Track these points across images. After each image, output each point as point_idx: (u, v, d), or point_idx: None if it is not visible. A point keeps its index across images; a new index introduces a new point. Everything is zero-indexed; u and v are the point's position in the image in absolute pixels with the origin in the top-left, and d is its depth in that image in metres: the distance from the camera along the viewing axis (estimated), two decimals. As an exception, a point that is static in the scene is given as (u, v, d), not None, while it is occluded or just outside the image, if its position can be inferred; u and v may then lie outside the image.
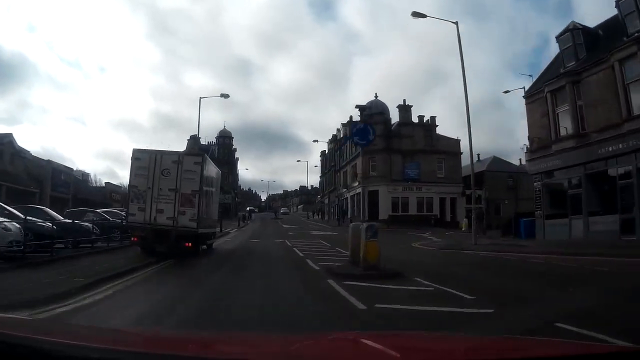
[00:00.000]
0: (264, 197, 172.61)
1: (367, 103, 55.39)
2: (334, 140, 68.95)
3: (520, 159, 58.96)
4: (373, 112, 54.12)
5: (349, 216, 55.73)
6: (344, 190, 58.81)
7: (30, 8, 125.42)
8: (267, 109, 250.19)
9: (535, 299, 7.91)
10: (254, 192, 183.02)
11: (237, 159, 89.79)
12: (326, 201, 73.50)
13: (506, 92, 38.31)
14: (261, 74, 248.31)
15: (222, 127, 75.47)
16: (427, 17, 23.93)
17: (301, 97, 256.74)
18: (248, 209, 71.90)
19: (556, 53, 26.34)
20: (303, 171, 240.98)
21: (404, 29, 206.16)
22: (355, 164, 54.97)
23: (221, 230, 32.69)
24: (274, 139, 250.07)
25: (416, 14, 23.92)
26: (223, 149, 73.18)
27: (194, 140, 79.35)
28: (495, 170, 58.68)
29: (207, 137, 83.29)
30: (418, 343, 2.34)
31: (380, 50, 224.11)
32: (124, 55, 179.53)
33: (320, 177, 79.36)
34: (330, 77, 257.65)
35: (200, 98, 36.58)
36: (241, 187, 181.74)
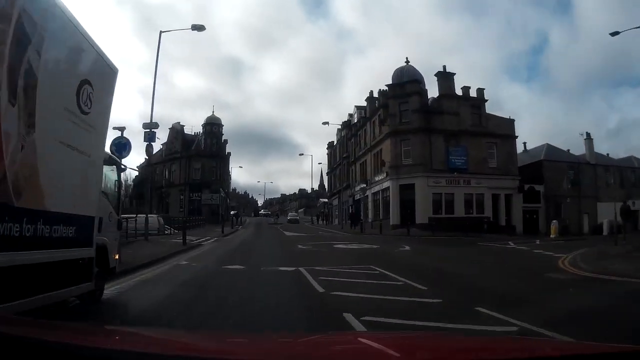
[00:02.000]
0: (260, 202, 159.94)
1: (397, 70, 42.17)
2: (346, 126, 55.61)
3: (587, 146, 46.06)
4: (404, 80, 40.85)
5: (370, 219, 42.51)
6: (362, 186, 45.50)
7: None
8: (259, 110, 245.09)
9: None
10: (250, 196, 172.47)
11: (229, 153, 76.42)
12: (335, 202, 60.08)
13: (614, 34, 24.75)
14: (252, 73, 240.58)
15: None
16: None
17: (294, 98, 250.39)
18: (232, 212, 58.65)
19: None
20: (299, 175, 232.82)
21: (400, 25, 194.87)
22: (380, 149, 41.68)
23: (184, 243, 19.33)
24: (267, 142, 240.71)
25: None
26: (210, 139, 60.15)
27: (175, 129, 66.25)
28: (556, 161, 45.46)
29: (194, 127, 69.92)
30: (418, 343, 2.31)
31: (375, 48, 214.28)
32: (111, 53, 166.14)
33: (327, 173, 66.04)
34: (323, 77, 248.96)
35: (161, 32, 23.62)
36: (236, 190, 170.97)
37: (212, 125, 61.16)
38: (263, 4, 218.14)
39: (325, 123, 45.44)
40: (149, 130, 21.61)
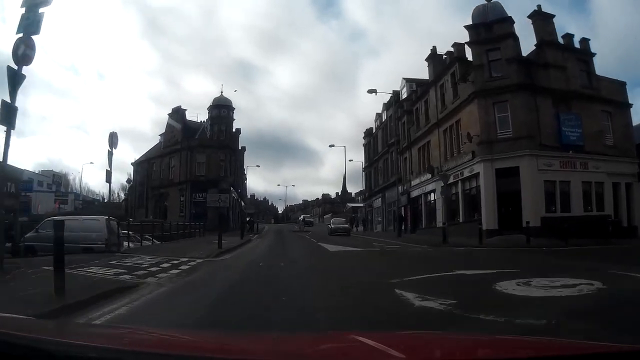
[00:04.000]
0: (281, 208, 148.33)
1: (477, 8, 29.00)
2: (391, 105, 42.53)
3: None
4: (490, 19, 27.76)
5: (440, 220, 29.46)
6: (425, 178, 32.38)
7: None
8: (273, 115, 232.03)
9: None
10: (270, 202, 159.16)
11: (244, 148, 63.97)
12: (378, 203, 46.85)
13: None
14: (264, 77, 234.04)
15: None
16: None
17: (307, 102, 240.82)
18: (248, 219, 46.98)
19: None
20: (316, 182, 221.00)
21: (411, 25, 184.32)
22: (458, 120, 28.56)
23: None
24: (282, 148, 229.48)
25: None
26: (218, 126, 47.88)
27: (177, 114, 54.10)
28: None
29: (200, 114, 57.57)
30: (421, 343, 2.28)
31: (388, 49, 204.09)
32: (120, 60, 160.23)
33: (364, 168, 52.85)
34: (337, 80, 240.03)
35: None
36: (255, 197, 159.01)
37: (221, 109, 48.74)
38: (272, 4, 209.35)
39: (371, 91, 32.30)
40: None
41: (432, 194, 32.29)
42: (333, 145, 50.61)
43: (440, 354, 1.99)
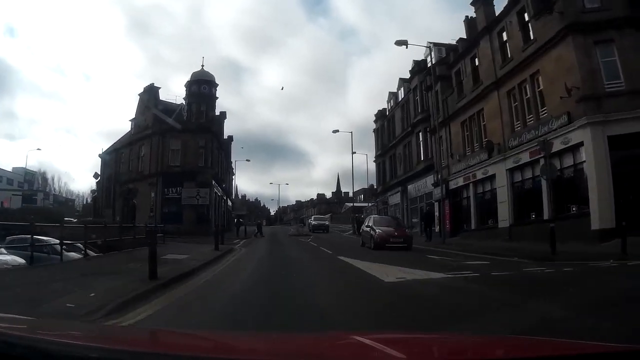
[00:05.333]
0: (273, 210, 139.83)
1: None
2: (416, 74, 33.67)
3: None
4: None
5: (505, 220, 20.88)
6: (477, 161, 23.66)
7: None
8: (262, 117, 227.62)
9: None
10: (262, 204, 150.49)
11: (231, 137, 54.89)
12: (394, 199, 37.96)
13: None
14: (253, 78, 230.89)
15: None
16: None
17: (297, 103, 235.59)
18: (237, 220, 39.23)
19: None
20: (309, 184, 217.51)
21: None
22: (536, 71, 19.75)
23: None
24: (273, 149, 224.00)
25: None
26: (197, 106, 38.88)
27: (149, 93, 44.91)
28: None
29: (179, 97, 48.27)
30: (421, 343, 2.27)
31: (379, 48, 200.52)
32: (106, 61, 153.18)
33: (375, 158, 43.91)
34: (328, 80, 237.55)
35: None
36: (246, 197, 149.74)
37: (201, 85, 39.53)
38: (260, 2, 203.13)
39: (401, 43, 23.45)
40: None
41: (490, 182, 23.53)
42: (337, 131, 41.39)
43: (440, 354, 1.98)
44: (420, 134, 31.86)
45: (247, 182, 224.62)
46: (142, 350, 1.66)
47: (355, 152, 64.14)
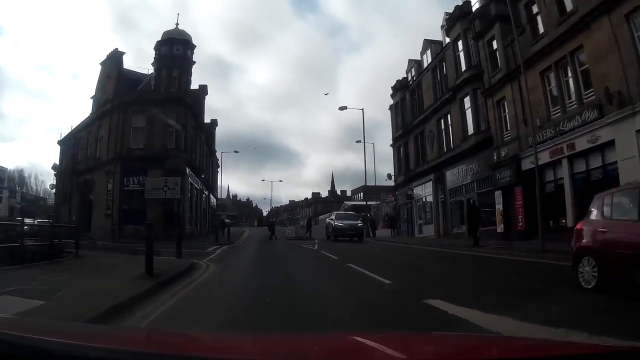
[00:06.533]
0: (265, 210, 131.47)
1: None
2: (458, 19, 25.13)
3: None
4: None
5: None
6: (567, 128, 15.15)
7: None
8: (251, 116, 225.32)
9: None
10: (254, 204, 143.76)
11: (215, 121, 46.37)
12: (422, 192, 29.42)
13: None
14: (241, 75, 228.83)
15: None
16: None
17: (287, 102, 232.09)
18: (225, 220, 30.96)
19: None
20: (301, 184, 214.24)
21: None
22: None
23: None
24: (262, 149, 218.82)
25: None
26: (168, 72, 30.34)
27: (112, 60, 36.02)
28: None
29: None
30: (421, 343, 2.24)
31: (370, 44, 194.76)
32: (92, 58, 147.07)
33: (394, 141, 35.20)
34: (317, 78, 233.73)
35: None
36: (237, 198, 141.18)
37: (173, 45, 30.74)
38: None
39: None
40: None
41: (602, 154, 15.24)
42: (345, 108, 32.90)
43: (440, 354, 1.95)
44: (467, 99, 23.40)
45: (237, 182, 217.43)
46: (142, 350, 1.66)
47: (359, 141, 54.99)
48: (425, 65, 30.51)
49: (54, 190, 50.02)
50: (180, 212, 26.04)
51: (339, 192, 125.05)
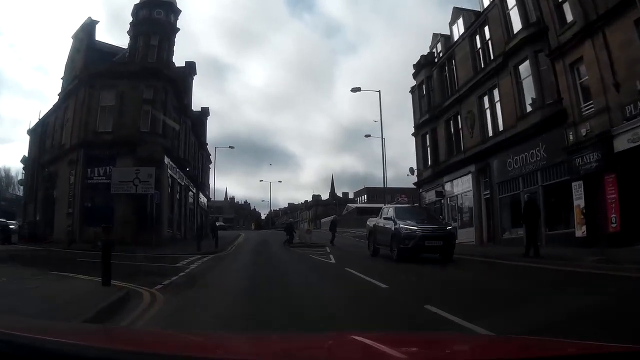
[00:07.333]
0: (264, 213, 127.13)
1: None
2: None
3: None
4: None
5: None
6: None
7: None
8: (247, 118, 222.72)
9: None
10: (253, 207, 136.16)
11: (206, 110, 41.05)
12: (458, 188, 23.90)
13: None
14: (237, 76, 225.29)
15: None
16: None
17: (283, 103, 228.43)
18: (218, 223, 25.46)
19: None
20: (298, 187, 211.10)
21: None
22: None
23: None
24: (259, 152, 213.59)
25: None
26: (144, 38, 25.11)
27: (84, 32, 30.16)
28: None
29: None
30: (421, 343, 2.24)
31: (366, 45, 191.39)
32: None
33: (413, 132, 29.74)
34: (314, 79, 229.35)
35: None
36: (235, 200, 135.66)
37: (153, 9, 25.23)
38: None
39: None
40: None
41: None
42: (358, 89, 27.61)
43: (440, 354, 1.93)
44: (525, 65, 17.98)
45: (234, 185, 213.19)
46: (142, 350, 1.62)
47: (368, 135, 50.22)
48: (457, 37, 25.13)
49: (22, 187, 45.00)
50: (154, 212, 20.45)
51: (340, 195, 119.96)
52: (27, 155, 39.08)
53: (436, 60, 27.22)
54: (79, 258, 13.62)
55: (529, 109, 17.95)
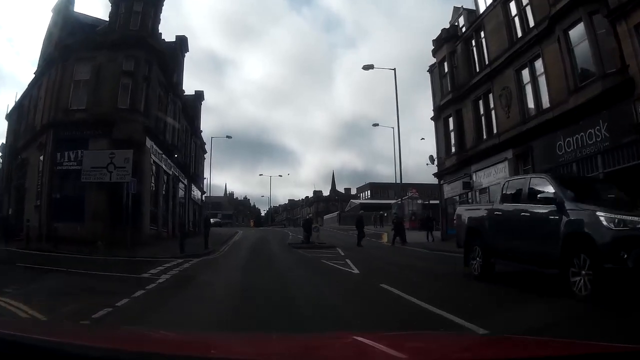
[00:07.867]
0: (264, 210, 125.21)
1: None
2: None
3: None
4: None
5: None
6: None
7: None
8: (245, 113, 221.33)
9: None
10: (253, 204, 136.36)
11: (201, 95, 37.79)
12: (490, 177, 20.64)
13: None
14: (235, 71, 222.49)
15: None
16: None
17: (282, 98, 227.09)
18: (213, 220, 22.08)
19: None
20: (297, 184, 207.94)
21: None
22: None
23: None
24: (257, 147, 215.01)
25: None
26: (126, 4, 22.00)
27: (63, 2, 26.13)
28: None
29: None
30: (421, 343, 2.22)
31: (366, 40, 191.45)
32: None
33: (433, 117, 26.48)
34: (313, 74, 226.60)
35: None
36: (234, 196, 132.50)
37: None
38: None
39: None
40: None
41: None
42: (371, 67, 24.49)
43: (440, 354, 1.92)
44: (577, 30, 14.72)
45: (233, 181, 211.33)
46: (142, 350, 1.62)
47: (375, 124, 48.27)
48: (483, 8, 21.89)
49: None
50: (129, 205, 17.15)
51: (342, 191, 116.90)
52: (4, 142, 36.00)
53: (460, 34, 23.97)
54: (19, 263, 10.49)
55: (584, 80, 14.73)
